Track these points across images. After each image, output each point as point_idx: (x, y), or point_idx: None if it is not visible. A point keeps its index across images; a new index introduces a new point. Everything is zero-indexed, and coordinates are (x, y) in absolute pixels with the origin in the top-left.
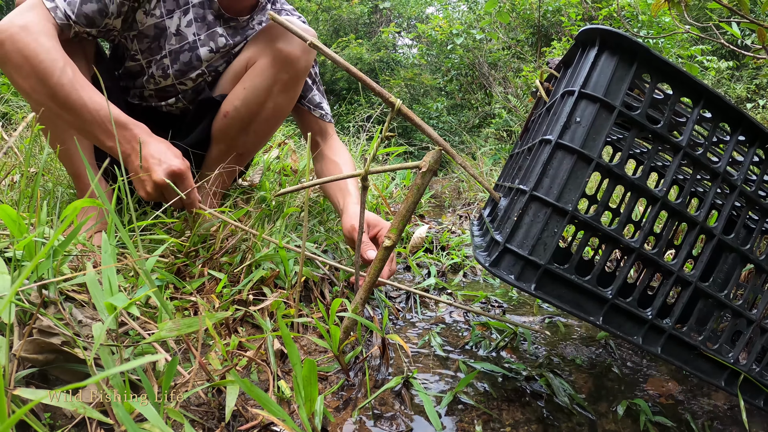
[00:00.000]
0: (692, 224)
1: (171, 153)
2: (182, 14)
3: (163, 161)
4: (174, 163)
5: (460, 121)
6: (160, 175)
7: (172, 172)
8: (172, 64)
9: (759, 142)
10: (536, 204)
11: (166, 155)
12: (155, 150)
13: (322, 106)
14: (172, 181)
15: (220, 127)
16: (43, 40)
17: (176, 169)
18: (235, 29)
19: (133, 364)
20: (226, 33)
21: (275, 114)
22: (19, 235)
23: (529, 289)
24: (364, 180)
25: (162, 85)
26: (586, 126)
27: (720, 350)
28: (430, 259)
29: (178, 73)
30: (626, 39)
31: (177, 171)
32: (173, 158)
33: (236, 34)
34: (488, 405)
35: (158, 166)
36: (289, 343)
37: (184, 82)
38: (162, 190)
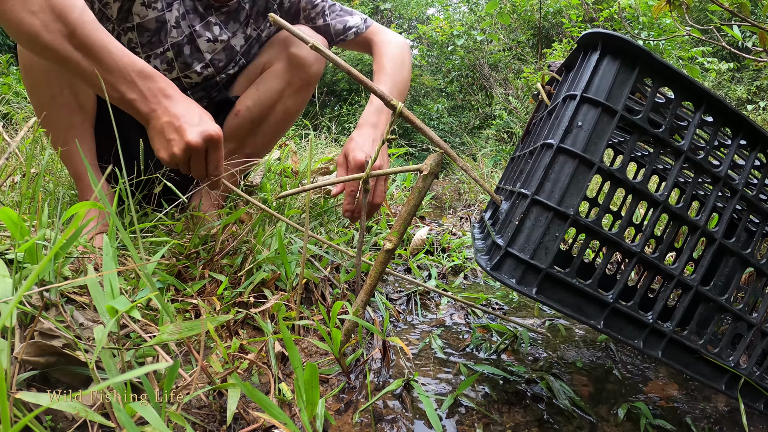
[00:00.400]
0: (693, 228)
1: (207, 115)
2: (178, 5)
3: (198, 122)
4: (211, 127)
5: (460, 122)
6: (195, 137)
7: (209, 137)
8: (176, 57)
9: (760, 146)
10: (538, 208)
11: (201, 117)
12: (187, 109)
13: (349, 26)
14: (207, 147)
15: (231, 126)
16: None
17: (214, 133)
18: (228, 15)
19: (137, 373)
20: (220, 20)
21: (284, 117)
22: (21, 237)
23: (531, 293)
24: (366, 183)
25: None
26: (588, 130)
27: (720, 354)
28: (430, 261)
29: (182, 65)
30: (628, 43)
31: (215, 135)
32: (209, 121)
33: (229, 19)
34: (489, 408)
35: (193, 126)
36: (291, 347)
37: (189, 75)
38: (191, 155)
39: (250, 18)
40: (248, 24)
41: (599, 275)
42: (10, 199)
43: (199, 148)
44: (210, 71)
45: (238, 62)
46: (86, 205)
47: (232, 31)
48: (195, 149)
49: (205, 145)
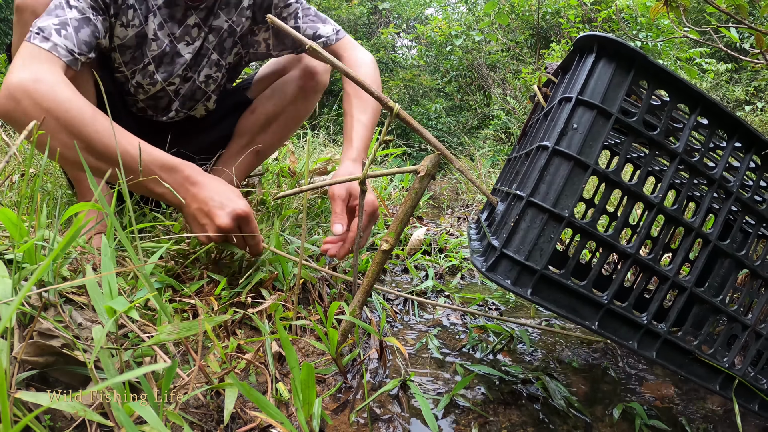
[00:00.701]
0: (688, 230)
1: (232, 193)
2: (153, 17)
3: (226, 204)
4: (238, 205)
5: (458, 122)
6: (225, 220)
7: (237, 216)
8: (157, 69)
9: (755, 148)
10: (533, 210)
11: (227, 197)
12: (214, 191)
13: (320, 34)
14: (238, 224)
15: (246, 122)
16: (61, 88)
17: (241, 212)
18: (205, 9)
19: (136, 373)
20: (200, 18)
21: (294, 117)
22: (20, 238)
23: (525, 294)
24: (363, 184)
25: (152, 92)
26: (583, 132)
27: (715, 354)
28: (428, 261)
29: (165, 75)
30: (624, 46)
31: (242, 214)
32: (236, 199)
33: (208, 15)
34: (485, 408)
35: (221, 209)
36: (287, 347)
37: (173, 81)
38: (228, 232)
39: (219, 7)
40: (217, 14)
41: (594, 276)
42: (9, 199)
43: (231, 228)
44: (189, 70)
45: (210, 57)
46: (85, 206)
47: (208, 26)
48: (227, 230)
49: (236, 223)
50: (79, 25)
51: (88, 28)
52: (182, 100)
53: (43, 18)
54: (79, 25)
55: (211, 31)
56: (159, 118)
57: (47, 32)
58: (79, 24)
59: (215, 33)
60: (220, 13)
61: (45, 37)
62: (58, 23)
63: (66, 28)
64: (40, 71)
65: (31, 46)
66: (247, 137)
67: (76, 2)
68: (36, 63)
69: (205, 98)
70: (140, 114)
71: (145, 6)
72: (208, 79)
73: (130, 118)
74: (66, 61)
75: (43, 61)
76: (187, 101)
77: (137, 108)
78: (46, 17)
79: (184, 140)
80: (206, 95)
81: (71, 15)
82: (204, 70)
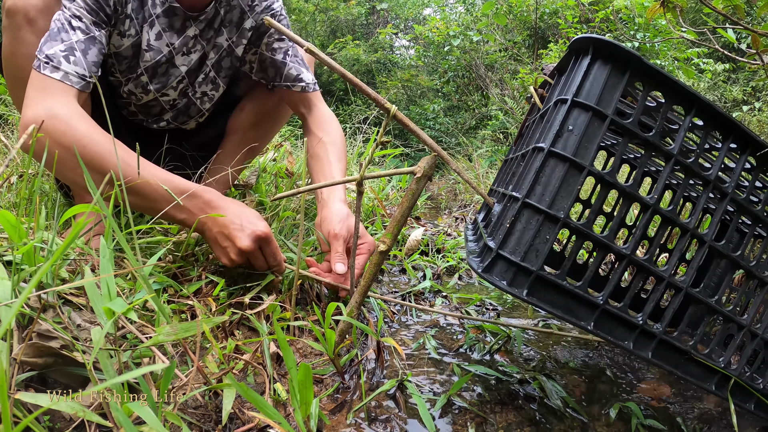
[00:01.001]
0: (684, 231)
1: (252, 215)
2: (149, 27)
3: (245, 226)
4: (258, 227)
5: (456, 122)
6: (246, 242)
7: (257, 237)
8: (151, 80)
9: (751, 149)
10: (529, 211)
11: (248, 219)
12: (234, 215)
13: (301, 78)
14: (259, 246)
15: (236, 120)
16: (76, 123)
17: (261, 233)
18: (206, 23)
19: (134, 374)
20: (199, 29)
21: (282, 114)
22: (19, 240)
23: (521, 295)
24: (360, 185)
25: (144, 100)
26: (579, 134)
27: (711, 354)
28: (425, 261)
29: (158, 86)
30: (619, 48)
31: (262, 235)
32: (256, 221)
33: (207, 27)
34: (482, 408)
35: (241, 232)
36: (285, 348)
37: (166, 92)
38: (248, 257)
39: (222, 23)
40: (220, 30)
41: (590, 277)
42: (7, 200)
43: (252, 250)
44: (185, 83)
45: (208, 74)
46: (83, 208)
47: (206, 39)
48: (249, 252)
49: (257, 244)
50: (86, 46)
51: (95, 48)
52: (175, 113)
53: (48, 43)
54: (86, 46)
55: (213, 47)
56: (150, 125)
57: (56, 60)
58: (86, 45)
59: (216, 50)
60: (223, 30)
61: (55, 66)
62: (65, 49)
63: (74, 53)
64: (55, 105)
65: (41, 77)
66: (239, 134)
67: (78, 22)
68: (49, 96)
69: (199, 115)
70: (131, 118)
71: (141, 16)
72: (203, 96)
73: (122, 121)
74: (78, 87)
75: (56, 93)
76: (180, 115)
77: (128, 111)
78: (51, 42)
79: (180, 139)
80: (200, 112)
81: (76, 37)
82: (201, 87)
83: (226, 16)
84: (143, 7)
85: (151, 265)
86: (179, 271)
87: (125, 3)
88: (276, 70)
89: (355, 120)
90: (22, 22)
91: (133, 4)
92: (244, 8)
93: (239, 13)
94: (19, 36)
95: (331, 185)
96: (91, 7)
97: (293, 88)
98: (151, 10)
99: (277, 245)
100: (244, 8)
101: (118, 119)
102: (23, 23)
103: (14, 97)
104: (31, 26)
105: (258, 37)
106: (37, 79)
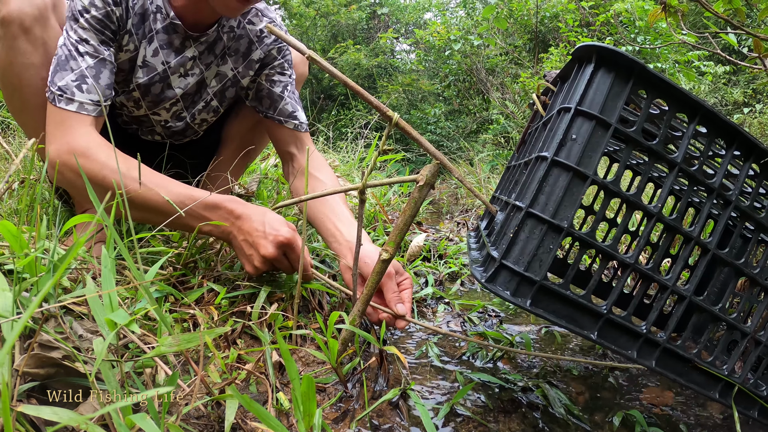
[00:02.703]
0: (687, 239)
1: (276, 221)
2: (147, 43)
3: (268, 233)
4: (281, 232)
5: (457, 126)
6: (269, 249)
7: (280, 244)
8: (143, 97)
9: (754, 156)
10: (532, 221)
11: (271, 225)
12: (258, 222)
13: (296, 116)
14: (283, 252)
15: (232, 127)
16: (94, 153)
17: (283, 239)
18: (206, 45)
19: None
20: (198, 51)
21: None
22: (20, 250)
23: (525, 305)
24: (362, 193)
25: (135, 114)
26: (582, 143)
27: (714, 362)
28: (427, 267)
29: (150, 104)
30: (623, 56)
31: (285, 241)
32: (279, 226)
33: (206, 50)
34: (485, 416)
35: (264, 239)
36: (288, 359)
37: (158, 112)
38: (273, 263)
39: (226, 52)
40: (224, 58)
41: (593, 287)
42: (9, 207)
43: (277, 256)
44: (179, 107)
45: (209, 102)
46: (85, 218)
47: (205, 63)
48: (273, 258)
49: (281, 251)
50: (97, 71)
51: (106, 70)
52: (169, 132)
53: (59, 74)
54: (97, 71)
55: (216, 75)
56: (144, 135)
57: (69, 92)
58: (97, 70)
59: (219, 79)
60: (227, 59)
61: (69, 99)
62: (76, 78)
63: (85, 80)
64: (73, 139)
65: (57, 111)
66: (236, 141)
67: (85, 46)
68: (68, 131)
69: (194, 134)
70: (125, 126)
71: (141, 31)
72: (203, 122)
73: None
74: (95, 114)
75: (73, 126)
76: (175, 134)
77: (122, 120)
78: (62, 72)
79: (176, 148)
80: (196, 133)
81: (85, 63)
82: (201, 114)
83: (231, 44)
84: (144, 22)
85: (153, 271)
86: (180, 278)
87: (127, 18)
88: (271, 102)
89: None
90: (18, 32)
91: (133, 19)
92: (252, 38)
93: (247, 44)
94: (15, 46)
95: (329, 194)
96: (96, 27)
97: (285, 124)
98: (152, 25)
99: (299, 249)
100: (252, 38)
101: (114, 127)
102: (19, 33)
103: (11, 106)
104: (27, 35)
105: (262, 67)
106: (54, 113)
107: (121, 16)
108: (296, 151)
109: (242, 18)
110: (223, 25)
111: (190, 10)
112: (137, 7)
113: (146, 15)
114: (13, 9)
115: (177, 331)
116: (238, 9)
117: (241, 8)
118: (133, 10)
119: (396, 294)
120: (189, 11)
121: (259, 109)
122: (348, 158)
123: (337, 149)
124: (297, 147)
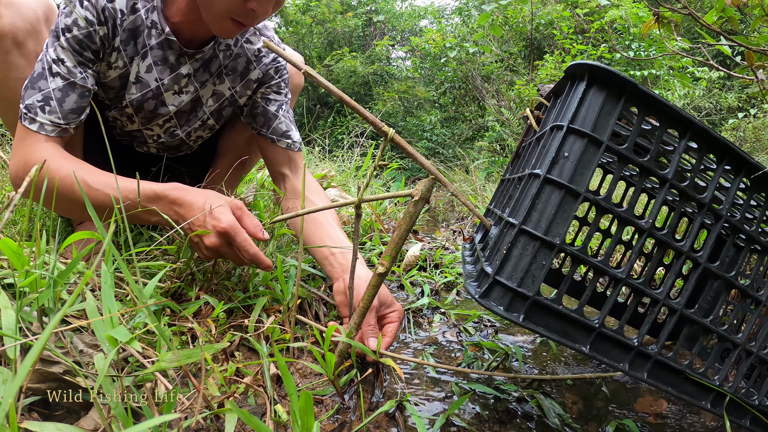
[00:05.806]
0: (678, 253)
1: (217, 209)
2: (140, 59)
3: (208, 221)
4: (220, 221)
5: (453, 133)
6: (211, 239)
7: (220, 233)
8: (137, 113)
9: (745, 170)
10: (525, 237)
11: (211, 214)
12: (198, 209)
13: (289, 135)
14: (224, 241)
15: (227, 140)
16: (49, 163)
17: (222, 229)
18: (201, 62)
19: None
20: (193, 68)
21: None
22: (20, 267)
23: (518, 320)
24: (358, 208)
25: (129, 128)
26: (574, 161)
27: (706, 371)
28: (423, 277)
29: (144, 120)
30: (615, 74)
31: (224, 231)
32: (219, 213)
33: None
34: (480, 427)
35: (205, 228)
36: (286, 374)
37: (151, 128)
38: (218, 251)
39: (223, 71)
40: (221, 77)
41: (586, 301)
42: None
43: (220, 246)
44: (172, 124)
45: (206, 121)
46: (84, 235)
47: (200, 81)
48: (216, 249)
49: (224, 239)
50: (63, 94)
51: (74, 94)
52: (163, 147)
53: (28, 91)
54: (63, 94)
55: (212, 94)
56: (140, 147)
57: (33, 111)
58: (63, 93)
59: (216, 98)
60: (225, 78)
61: (32, 118)
62: (42, 99)
63: (49, 102)
64: (28, 155)
65: (21, 128)
66: (232, 153)
67: (59, 66)
68: (26, 146)
69: (188, 149)
70: (119, 138)
71: (132, 48)
72: (198, 139)
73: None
74: (54, 135)
75: (32, 143)
76: (170, 149)
77: (117, 133)
78: (30, 91)
79: (172, 160)
80: (191, 147)
81: (54, 84)
82: (198, 132)
83: (229, 63)
84: (137, 39)
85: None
86: (178, 291)
87: (112, 37)
88: (265, 121)
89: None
90: (11, 46)
91: (122, 35)
92: (250, 58)
93: (245, 63)
94: (8, 60)
95: (327, 208)
96: (74, 48)
97: (278, 143)
98: (146, 41)
99: (246, 237)
100: (250, 58)
101: (110, 139)
102: (12, 47)
103: (5, 119)
104: (20, 49)
105: (259, 86)
106: (19, 129)
107: (106, 35)
108: (289, 172)
109: (240, 37)
110: (220, 42)
111: (186, 26)
112: (127, 23)
113: (138, 31)
114: (5, 24)
115: (176, 345)
116: (233, 32)
117: (236, 31)
118: (122, 26)
119: (372, 327)
120: (186, 27)
121: (253, 126)
122: (344, 167)
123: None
124: (290, 168)
